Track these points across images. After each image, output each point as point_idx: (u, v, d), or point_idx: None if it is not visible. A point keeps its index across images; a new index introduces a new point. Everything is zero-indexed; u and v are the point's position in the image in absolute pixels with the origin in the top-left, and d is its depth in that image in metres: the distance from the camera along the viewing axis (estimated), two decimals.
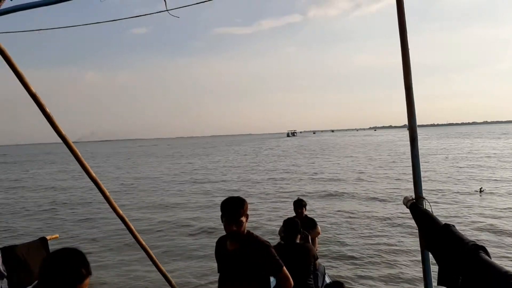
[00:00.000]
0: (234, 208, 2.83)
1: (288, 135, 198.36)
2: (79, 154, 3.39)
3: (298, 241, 4.66)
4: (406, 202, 2.94)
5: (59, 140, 3.37)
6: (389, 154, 43.24)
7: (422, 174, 2.82)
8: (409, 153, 2.81)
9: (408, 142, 2.82)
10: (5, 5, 2.95)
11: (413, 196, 2.85)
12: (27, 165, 54.22)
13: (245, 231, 2.90)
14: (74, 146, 3.36)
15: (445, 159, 33.71)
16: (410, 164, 2.81)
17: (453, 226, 2.45)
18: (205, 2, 3.06)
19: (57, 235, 3.89)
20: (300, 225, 4.72)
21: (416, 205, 2.83)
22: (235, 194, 3.12)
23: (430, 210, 2.73)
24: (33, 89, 3.29)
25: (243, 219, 2.85)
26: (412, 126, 2.77)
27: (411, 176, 2.80)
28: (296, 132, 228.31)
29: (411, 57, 2.75)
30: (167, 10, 2.77)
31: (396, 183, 21.49)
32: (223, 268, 3.02)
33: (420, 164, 2.81)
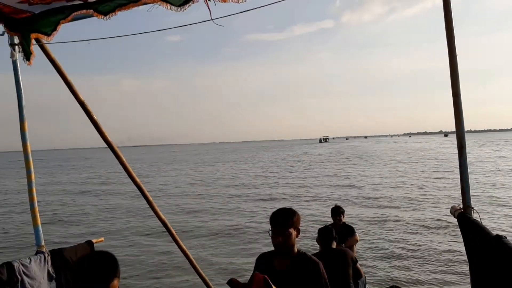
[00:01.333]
0: (281, 218, 2.62)
1: (320, 141, 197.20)
2: (124, 159, 3.47)
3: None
4: (454, 211, 2.86)
5: (87, 146, 3.43)
6: (435, 163, 39.53)
7: (471, 184, 2.73)
8: (452, 161, 2.73)
9: (446, 149, 2.74)
10: None
11: (461, 206, 2.78)
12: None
13: (295, 247, 2.66)
14: (119, 151, 3.44)
15: (495, 170, 29.09)
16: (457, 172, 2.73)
17: (505, 237, 2.35)
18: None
19: (102, 239, 3.99)
20: (334, 232, 4.72)
21: (464, 215, 2.75)
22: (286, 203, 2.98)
23: (479, 220, 2.64)
24: (82, 96, 3.41)
25: (292, 231, 2.60)
26: (460, 134, 2.72)
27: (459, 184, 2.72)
28: (328, 138, 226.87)
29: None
30: (212, 20, 2.80)
31: (445, 192, 20.64)
32: None
33: (468, 172, 2.74)
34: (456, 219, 2.82)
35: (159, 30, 3.09)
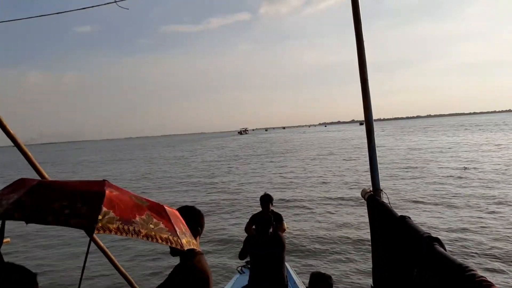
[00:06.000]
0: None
1: (240, 133, 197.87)
2: (31, 156, 3.23)
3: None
4: (364, 194, 2.98)
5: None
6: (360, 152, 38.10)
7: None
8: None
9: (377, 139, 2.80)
10: None
11: (371, 188, 2.91)
12: None
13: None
14: (25, 148, 3.20)
15: (463, 169, 22.14)
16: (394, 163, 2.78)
17: (409, 218, 2.48)
18: None
19: (9, 239, 3.67)
20: (272, 219, 4.79)
21: (373, 197, 2.88)
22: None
23: (387, 202, 2.77)
24: None
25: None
26: (368, 119, 2.80)
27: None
28: (248, 130, 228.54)
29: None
30: (115, 2, 2.67)
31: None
32: None
33: (377, 155, 2.86)
34: (366, 201, 2.96)
35: (58, 13, 2.89)
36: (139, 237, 2.00)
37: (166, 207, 2.38)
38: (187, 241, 2.30)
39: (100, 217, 1.87)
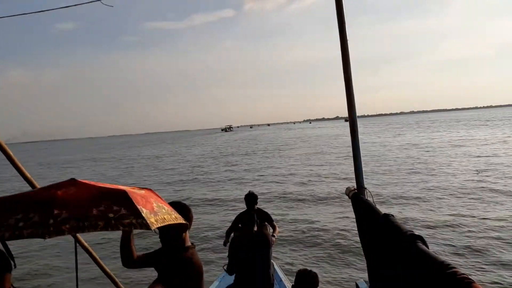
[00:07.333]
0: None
1: (226, 130, 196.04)
2: (12, 154, 3.18)
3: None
4: (348, 192, 2.99)
5: None
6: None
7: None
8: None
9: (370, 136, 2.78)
10: None
11: (355, 186, 2.92)
12: None
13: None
14: (6, 146, 3.14)
15: (476, 173, 19.81)
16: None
17: (392, 216, 2.50)
18: None
19: None
20: (255, 216, 4.79)
21: (357, 195, 2.89)
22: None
23: (371, 200, 2.79)
24: None
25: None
26: (352, 118, 2.81)
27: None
28: (232, 127, 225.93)
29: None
30: (99, 0, 2.65)
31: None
32: None
33: (361, 154, 2.87)
34: (350, 200, 2.96)
35: (41, 12, 2.84)
36: (97, 230, 2.02)
37: (130, 190, 2.32)
38: (156, 219, 2.23)
39: (51, 221, 1.94)
